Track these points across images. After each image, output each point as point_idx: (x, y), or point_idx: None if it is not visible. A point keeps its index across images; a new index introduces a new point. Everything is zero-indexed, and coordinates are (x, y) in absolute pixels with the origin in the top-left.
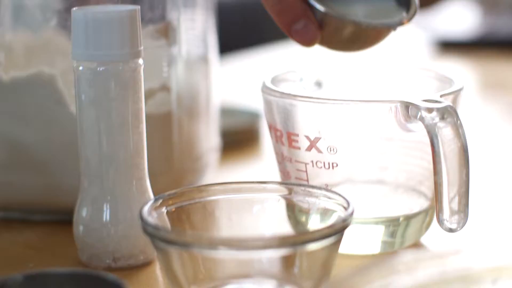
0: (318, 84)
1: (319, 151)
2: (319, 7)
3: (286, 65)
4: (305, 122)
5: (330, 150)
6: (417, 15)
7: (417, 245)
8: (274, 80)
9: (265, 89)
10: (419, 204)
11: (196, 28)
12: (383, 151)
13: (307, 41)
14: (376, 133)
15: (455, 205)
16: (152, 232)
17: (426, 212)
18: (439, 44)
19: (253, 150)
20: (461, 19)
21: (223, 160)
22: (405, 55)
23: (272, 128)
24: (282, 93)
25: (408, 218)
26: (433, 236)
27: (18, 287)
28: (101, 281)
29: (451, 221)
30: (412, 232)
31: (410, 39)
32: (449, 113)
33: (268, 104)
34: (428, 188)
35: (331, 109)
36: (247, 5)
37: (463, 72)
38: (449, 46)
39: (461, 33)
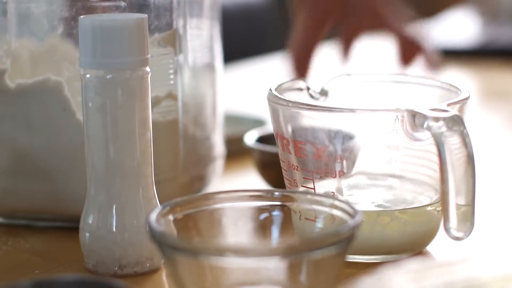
0: (324, 93)
1: (326, 160)
2: None
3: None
4: (312, 131)
5: (337, 159)
6: None
7: (423, 253)
8: (279, 89)
9: (272, 98)
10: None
11: (202, 36)
12: (389, 159)
13: None
14: (383, 142)
15: (461, 214)
16: (159, 240)
17: (430, 219)
18: (440, 53)
19: None
20: (462, 28)
21: (228, 167)
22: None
23: (278, 136)
24: (290, 101)
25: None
26: (439, 245)
27: None
28: None
29: (457, 230)
30: (417, 235)
31: None
32: (455, 122)
33: (275, 112)
34: (433, 196)
35: (339, 118)
36: (250, 13)
37: (464, 81)
38: (450, 55)
39: (462, 42)
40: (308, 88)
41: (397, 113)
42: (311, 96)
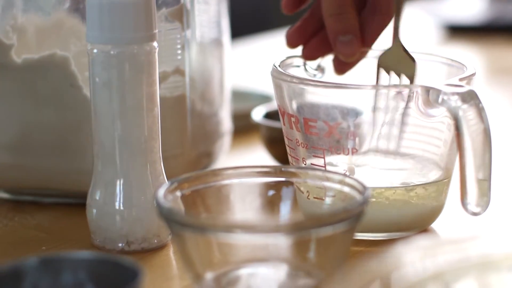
0: (321, 69)
1: (339, 137)
2: None
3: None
4: (324, 108)
5: (350, 136)
6: None
7: (428, 230)
8: (283, 64)
9: (276, 73)
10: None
11: (209, 11)
12: (398, 136)
13: (347, 54)
14: (392, 118)
15: (479, 189)
16: (167, 216)
17: (436, 197)
18: (447, 28)
19: None
20: (470, 4)
21: (236, 143)
22: (413, 40)
23: (285, 114)
24: (294, 77)
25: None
26: (443, 223)
27: (34, 271)
28: (117, 265)
29: (476, 205)
30: (422, 212)
31: (418, 23)
32: (471, 97)
33: (279, 88)
34: (438, 174)
35: (353, 95)
36: None
37: (470, 57)
38: (457, 31)
39: (469, 18)
40: (304, 64)
41: (411, 88)
42: (307, 71)
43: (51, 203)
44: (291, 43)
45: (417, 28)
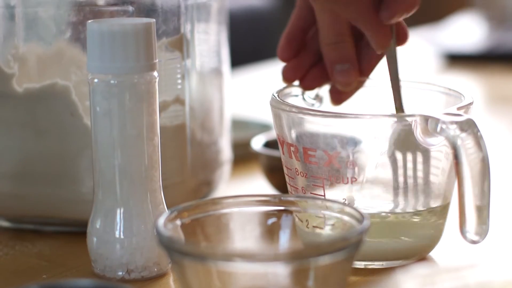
0: (319, 99)
1: (338, 166)
2: None
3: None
4: (323, 137)
5: (349, 165)
6: None
7: (426, 259)
8: (282, 94)
9: (275, 103)
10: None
11: (209, 41)
12: (400, 165)
13: (344, 83)
14: (391, 147)
15: (478, 217)
16: (167, 244)
17: (434, 224)
18: (446, 57)
19: None
20: (469, 33)
21: (236, 172)
22: (412, 69)
23: (284, 143)
24: (293, 106)
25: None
26: (442, 251)
27: None
28: None
29: (475, 233)
30: (420, 240)
31: (418, 52)
32: (470, 125)
33: (278, 118)
34: (438, 201)
35: (352, 124)
36: (258, 18)
37: (470, 85)
38: (457, 60)
39: (468, 46)
40: (303, 93)
41: (410, 118)
42: (305, 101)
43: (52, 231)
44: (288, 79)
45: (416, 57)
